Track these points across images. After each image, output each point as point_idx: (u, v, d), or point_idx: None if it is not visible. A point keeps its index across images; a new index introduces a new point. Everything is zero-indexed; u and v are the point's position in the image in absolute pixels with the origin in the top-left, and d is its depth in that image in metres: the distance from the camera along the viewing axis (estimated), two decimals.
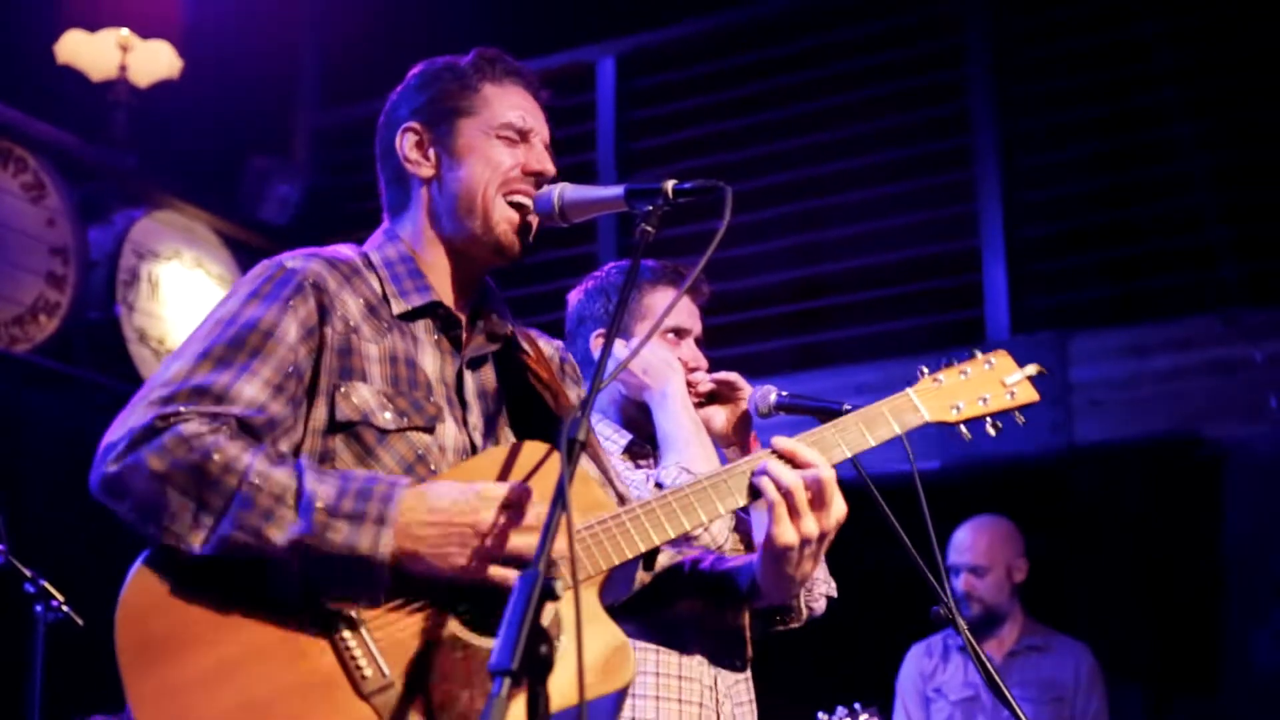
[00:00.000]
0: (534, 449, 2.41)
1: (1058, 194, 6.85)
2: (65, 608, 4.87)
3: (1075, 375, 6.31)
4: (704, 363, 3.56)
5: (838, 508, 2.41)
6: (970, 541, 5.78)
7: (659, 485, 3.16)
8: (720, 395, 3.52)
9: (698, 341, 3.59)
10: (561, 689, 2.02)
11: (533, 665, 1.82)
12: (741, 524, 3.32)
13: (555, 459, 2.38)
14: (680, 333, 3.54)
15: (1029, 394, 2.68)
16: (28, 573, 4.84)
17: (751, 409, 3.48)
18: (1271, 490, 5.98)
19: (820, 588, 3.48)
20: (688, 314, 3.56)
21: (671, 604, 2.61)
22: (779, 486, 2.38)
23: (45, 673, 4.95)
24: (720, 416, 3.52)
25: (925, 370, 2.66)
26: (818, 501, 2.39)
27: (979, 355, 2.70)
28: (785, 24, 7.49)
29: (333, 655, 2.23)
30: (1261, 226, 6.32)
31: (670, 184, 2.39)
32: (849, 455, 2.52)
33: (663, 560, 2.64)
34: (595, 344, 3.51)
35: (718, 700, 3.36)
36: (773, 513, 2.38)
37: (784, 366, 6.94)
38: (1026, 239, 6.76)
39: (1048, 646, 5.73)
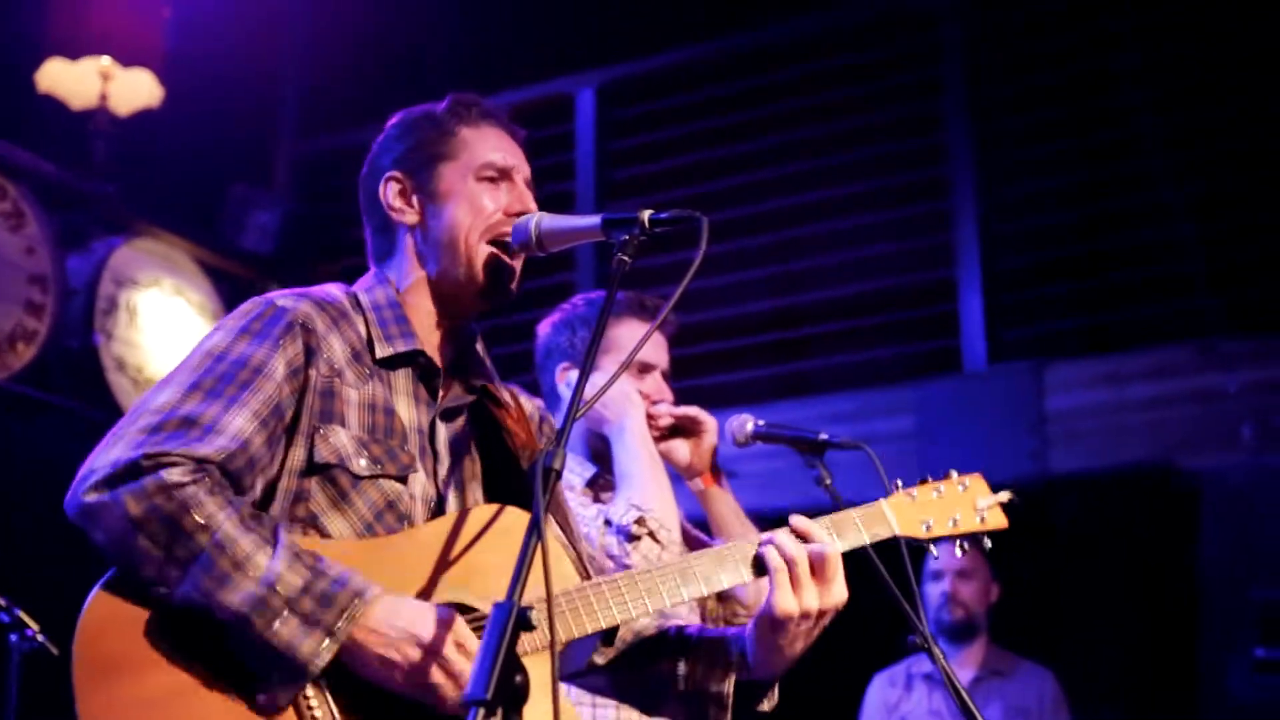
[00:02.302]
0: (486, 512, 2.44)
1: (1034, 224, 6.88)
2: (40, 637, 4.85)
3: (1051, 405, 6.33)
4: (668, 395, 3.54)
5: (839, 589, 2.47)
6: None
7: (607, 522, 3.17)
8: (683, 429, 3.51)
9: (665, 375, 3.58)
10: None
11: (507, 696, 1.82)
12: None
13: (516, 520, 2.42)
14: (645, 367, 3.53)
15: (998, 520, 2.76)
16: (2, 601, 4.83)
17: (729, 438, 3.49)
18: (1247, 520, 6.00)
19: None
20: (653, 347, 3.54)
21: (652, 664, 2.62)
22: (783, 554, 2.44)
23: (20, 702, 4.93)
24: (683, 450, 3.51)
25: (900, 484, 2.72)
26: (820, 575, 2.44)
27: (954, 475, 2.76)
28: (764, 55, 7.53)
29: (268, 709, 2.23)
30: (1237, 256, 6.36)
31: (647, 214, 2.42)
32: (856, 545, 2.57)
33: (644, 624, 2.66)
34: (561, 377, 3.50)
35: None
36: (774, 580, 2.44)
37: (761, 395, 6.95)
38: (1003, 269, 6.79)
39: (1011, 672, 5.74)
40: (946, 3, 7.10)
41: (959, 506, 2.71)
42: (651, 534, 3.18)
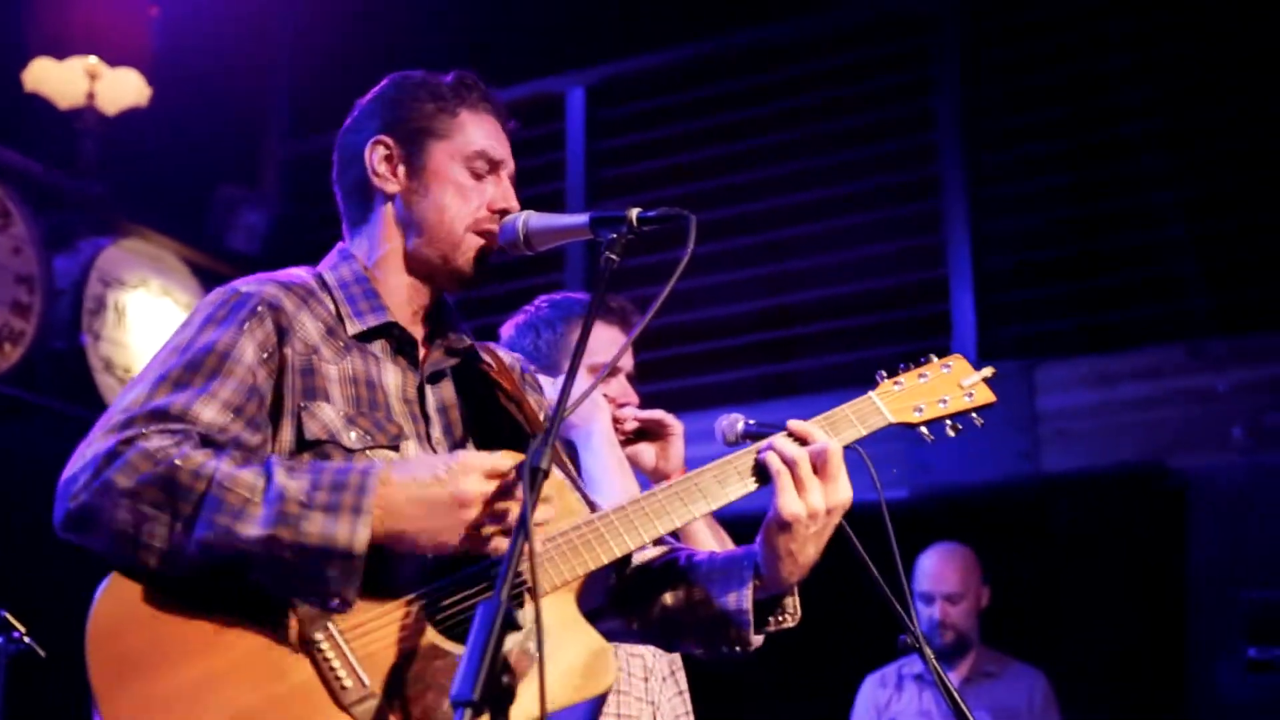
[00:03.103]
0: (509, 457, 2.37)
1: (1025, 225, 6.89)
2: (27, 639, 4.82)
3: (1042, 404, 6.33)
4: (633, 398, 3.52)
5: (843, 485, 2.43)
6: (943, 569, 5.78)
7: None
8: (649, 433, 3.48)
9: (630, 377, 3.55)
10: (532, 696, 2.01)
11: (495, 695, 1.81)
12: None
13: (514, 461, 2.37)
14: (611, 370, 3.48)
15: (986, 395, 2.72)
16: None
17: (720, 437, 3.47)
18: (1236, 520, 6.01)
19: None
20: (617, 349, 3.46)
21: (667, 592, 2.57)
22: (783, 458, 2.41)
23: (7, 704, 4.91)
24: (649, 453, 3.48)
25: (884, 374, 2.70)
26: (823, 473, 2.41)
27: (935, 359, 2.74)
28: (754, 55, 7.53)
29: (311, 668, 2.21)
30: (1227, 257, 6.37)
31: (634, 212, 2.40)
32: (854, 439, 2.55)
33: (649, 554, 2.62)
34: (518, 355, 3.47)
35: None
36: (778, 484, 2.40)
37: (751, 395, 6.94)
38: (994, 269, 6.79)
39: (1001, 673, 5.74)
40: (938, 3, 7.10)
41: (945, 388, 2.70)
42: None
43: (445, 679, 2.23)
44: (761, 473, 2.45)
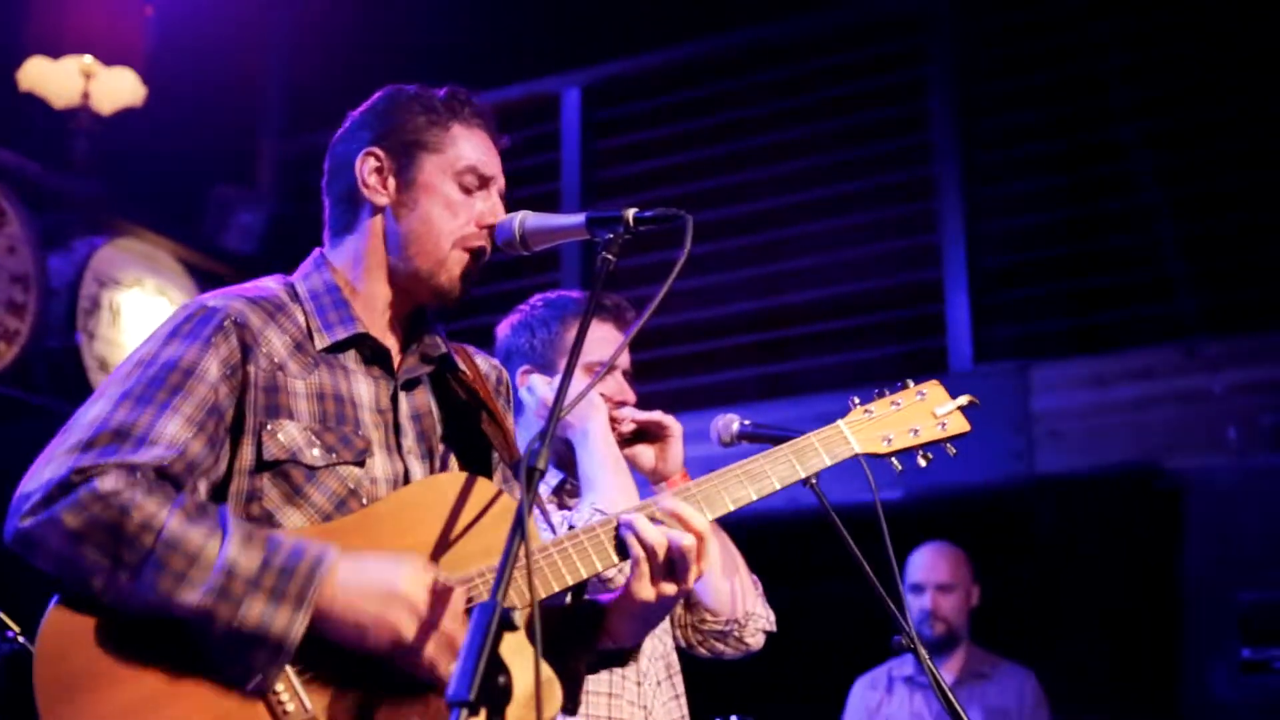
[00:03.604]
0: (456, 480, 2.39)
1: (1019, 225, 6.90)
2: (21, 638, 4.81)
3: (1036, 405, 6.34)
4: (630, 396, 3.47)
5: (695, 572, 2.38)
6: (935, 560, 5.80)
7: (571, 528, 3.13)
8: (648, 434, 3.44)
9: (627, 375, 3.52)
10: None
11: (490, 695, 1.81)
12: None
13: (476, 488, 2.38)
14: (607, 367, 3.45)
15: (960, 425, 2.67)
16: None
17: (715, 438, 3.45)
18: (1231, 521, 6.02)
19: (758, 623, 3.46)
20: (613, 347, 3.42)
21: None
22: (642, 544, 2.35)
23: (1, 704, 4.90)
24: (648, 455, 3.42)
25: (856, 401, 2.67)
26: (681, 566, 2.36)
27: (911, 385, 2.70)
28: (749, 56, 7.53)
29: (256, 693, 2.21)
30: (1220, 258, 6.39)
31: (631, 212, 2.39)
32: (733, 509, 2.47)
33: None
34: (522, 380, 3.44)
35: None
36: (634, 569, 2.36)
37: (747, 396, 6.95)
38: (988, 270, 6.80)
39: (992, 674, 5.75)
40: (934, 3, 7.11)
41: (918, 417, 2.65)
42: None
43: (388, 706, 2.24)
44: (622, 550, 2.39)
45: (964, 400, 2.69)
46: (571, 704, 2.50)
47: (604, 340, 3.44)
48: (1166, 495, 6.15)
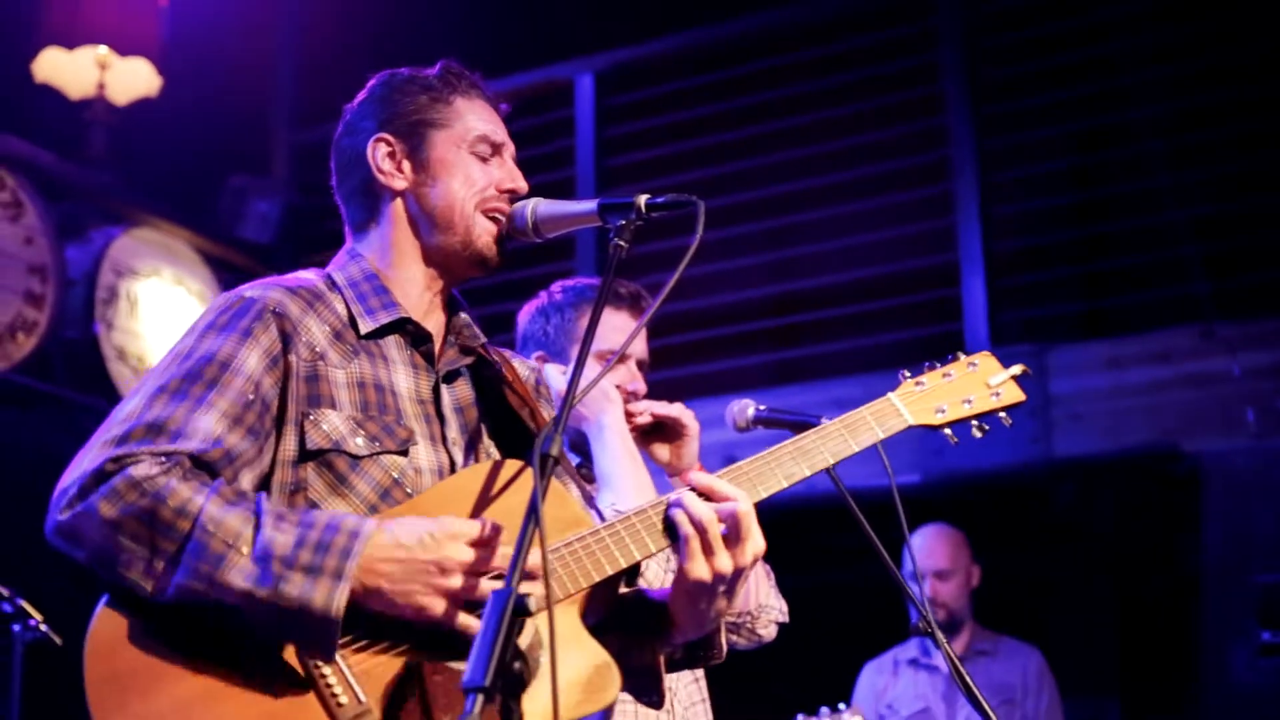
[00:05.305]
0: (511, 467, 2.37)
1: (1035, 208, 6.88)
2: (44, 627, 4.85)
3: (1054, 388, 6.33)
4: (641, 387, 3.43)
5: (755, 543, 2.32)
6: (932, 546, 5.82)
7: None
8: (664, 429, 3.37)
9: (642, 364, 3.47)
10: (538, 710, 2.01)
11: (507, 682, 1.81)
12: None
13: (524, 475, 2.35)
14: (620, 356, 3.36)
15: (1015, 394, 2.64)
16: (5, 592, 4.83)
17: (730, 423, 3.44)
18: (1249, 504, 6.00)
19: (770, 614, 3.45)
20: (626, 335, 3.32)
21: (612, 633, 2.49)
22: (692, 520, 2.30)
23: (24, 692, 4.93)
24: (663, 451, 3.37)
25: (907, 374, 2.64)
26: (733, 537, 2.31)
27: (962, 357, 2.67)
28: (763, 40, 7.51)
29: (308, 684, 2.19)
30: (1237, 240, 6.36)
31: (643, 198, 2.38)
32: (786, 485, 2.43)
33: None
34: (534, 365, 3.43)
35: None
36: (685, 547, 2.30)
37: (762, 381, 6.95)
38: (1004, 253, 6.78)
39: (995, 651, 5.78)
40: None
41: (971, 387, 2.62)
42: None
43: (443, 695, 2.22)
44: (671, 531, 2.33)
45: (1017, 369, 2.66)
46: (656, 696, 2.45)
47: (619, 328, 3.42)
48: (1184, 478, 6.13)
